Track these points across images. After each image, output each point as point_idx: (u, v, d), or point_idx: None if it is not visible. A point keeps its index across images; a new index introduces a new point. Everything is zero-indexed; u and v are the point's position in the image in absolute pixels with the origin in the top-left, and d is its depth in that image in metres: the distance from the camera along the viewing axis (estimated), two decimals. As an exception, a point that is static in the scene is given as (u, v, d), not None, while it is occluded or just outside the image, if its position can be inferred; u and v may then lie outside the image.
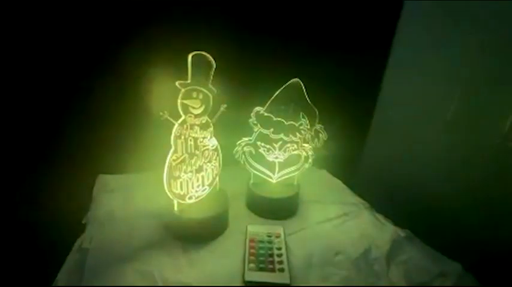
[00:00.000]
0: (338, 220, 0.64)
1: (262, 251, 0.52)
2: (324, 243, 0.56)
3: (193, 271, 0.48)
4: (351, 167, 1.10)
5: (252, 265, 0.49)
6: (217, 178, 0.62)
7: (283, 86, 0.62)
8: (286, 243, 0.55)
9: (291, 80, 0.61)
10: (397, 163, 0.99)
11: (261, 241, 0.55)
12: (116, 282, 0.44)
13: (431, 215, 0.83)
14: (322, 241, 0.57)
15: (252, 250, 0.53)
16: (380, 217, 0.67)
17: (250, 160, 0.66)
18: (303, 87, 0.62)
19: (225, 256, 0.52)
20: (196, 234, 0.55)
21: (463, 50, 0.78)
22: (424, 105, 0.90)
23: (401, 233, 0.60)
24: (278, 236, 0.57)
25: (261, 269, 0.48)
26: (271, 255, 0.52)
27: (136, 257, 0.49)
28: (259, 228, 0.59)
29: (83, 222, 0.58)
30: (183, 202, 0.55)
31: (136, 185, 0.72)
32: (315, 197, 0.73)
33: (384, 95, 1.07)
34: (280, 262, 0.50)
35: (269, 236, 0.57)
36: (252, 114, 0.63)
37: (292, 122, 0.63)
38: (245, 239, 0.55)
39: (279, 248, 0.53)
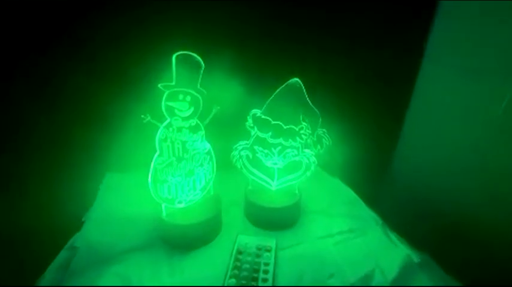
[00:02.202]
0: (341, 235, 0.57)
1: (247, 266, 0.48)
2: (319, 261, 0.51)
3: (172, 280, 0.46)
4: (378, 176, 0.99)
5: (232, 280, 0.45)
6: (211, 183, 0.60)
7: (282, 86, 0.57)
8: (276, 258, 0.51)
9: (290, 80, 0.56)
10: (431, 173, 0.87)
11: (249, 254, 0.51)
12: (93, 284, 0.44)
13: (468, 241, 0.70)
14: (317, 259, 0.51)
15: (236, 263, 0.49)
16: (394, 236, 0.58)
17: (248, 165, 0.63)
18: (303, 88, 0.56)
19: (209, 266, 0.49)
20: (181, 240, 0.53)
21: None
22: (465, 106, 0.77)
23: (416, 257, 0.51)
24: (268, 250, 0.52)
25: (241, 285, 0.45)
26: (257, 271, 0.47)
27: (121, 260, 0.49)
28: (249, 239, 0.55)
29: (82, 220, 0.60)
30: (171, 206, 0.54)
31: (142, 184, 0.72)
32: (320, 207, 0.67)
33: (418, 94, 0.94)
34: (265, 280, 0.46)
35: (258, 249, 0.52)
36: (248, 117, 0.59)
37: (291, 126, 0.58)
38: (232, 250, 0.52)
39: (267, 264, 0.49)
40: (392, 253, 0.53)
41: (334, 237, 0.57)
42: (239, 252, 0.52)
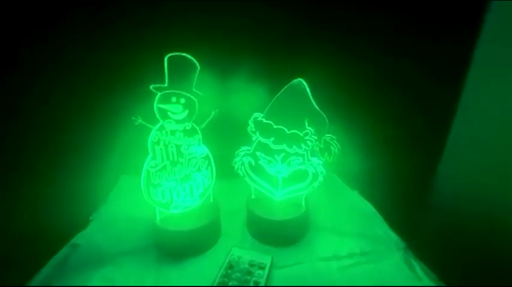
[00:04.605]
0: (351, 258, 0.49)
1: (234, 282, 0.44)
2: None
3: (155, 288, 0.44)
4: (412, 193, 0.84)
5: (214, 297, 0.42)
6: (210, 189, 0.57)
7: (284, 88, 0.52)
8: (269, 277, 0.45)
9: (293, 81, 0.51)
10: (481, 195, 0.71)
11: (239, 270, 0.47)
12: (81, 284, 0.44)
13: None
14: (317, 283, 0.45)
15: (224, 279, 0.45)
16: (418, 265, 0.48)
17: (250, 173, 0.59)
18: (307, 89, 0.51)
19: (197, 278, 0.46)
20: (172, 247, 0.51)
21: None
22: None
23: (443, 296, 0.41)
24: (262, 267, 0.47)
25: (222, 305, 0.40)
26: (244, 289, 0.43)
27: (112, 262, 0.49)
28: (244, 253, 0.50)
29: (90, 219, 0.62)
30: (166, 211, 0.53)
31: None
32: (331, 223, 0.59)
33: (466, 100, 0.80)
34: (250, 301, 0.41)
35: (251, 265, 0.48)
36: (250, 120, 0.56)
37: (295, 131, 0.53)
38: (222, 264, 0.48)
39: (257, 282, 0.44)
40: (412, 286, 0.43)
41: (341, 260, 0.49)
42: (230, 266, 0.47)
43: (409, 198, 0.78)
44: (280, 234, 0.54)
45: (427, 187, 0.82)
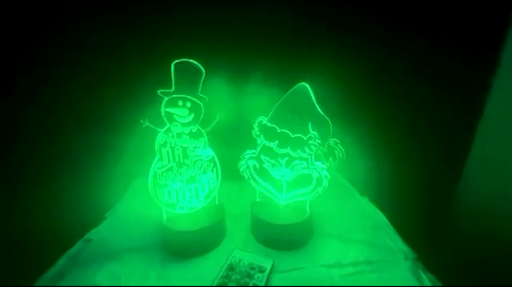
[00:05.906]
0: (354, 267, 0.48)
1: (234, 284, 0.45)
2: (317, 294, 0.43)
3: (157, 285, 0.46)
4: (429, 199, 0.80)
5: (212, 297, 0.42)
6: (215, 191, 0.58)
7: (288, 92, 0.53)
8: (268, 281, 0.45)
9: (297, 85, 0.52)
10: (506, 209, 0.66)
11: (239, 272, 0.47)
12: (85, 279, 0.46)
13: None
14: (316, 290, 0.44)
15: (224, 279, 0.45)
16: (427, 277, 0.45)
17: (256, 176, 0.59)
18: (311, 93, 0.51)
19: (198, 278, 0.47)
20: (175, 246, 0.53)
21: None
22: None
23: (451, 312, 0.39)
24: (262, 271, 0.47)
25: (220, 306, 0.41)
26: (243, 292, 0.43)
27: (119, 259, 0.51)
28: (245, 255, 0.51)
29: (105, 216, 0.65)
30: (172, 211, 0.55)
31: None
32: (337, 229, 0.58)
33: (492, 103, 0.75)
34: (248, 304, 0.41)
35: (252, 268, 0.48)
36: (254, 124, 0.56)
37: (299, 135, 0.53)
38: (223, 265, 0.49)
39: (256, 286, 0.44)
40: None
41: (344, 267, 0.48)
42: (230, 268, 0.48)
43: (422, 206, 0.74)
44: (283, 238, 0.54)
45: (440, 193, 0.77)
